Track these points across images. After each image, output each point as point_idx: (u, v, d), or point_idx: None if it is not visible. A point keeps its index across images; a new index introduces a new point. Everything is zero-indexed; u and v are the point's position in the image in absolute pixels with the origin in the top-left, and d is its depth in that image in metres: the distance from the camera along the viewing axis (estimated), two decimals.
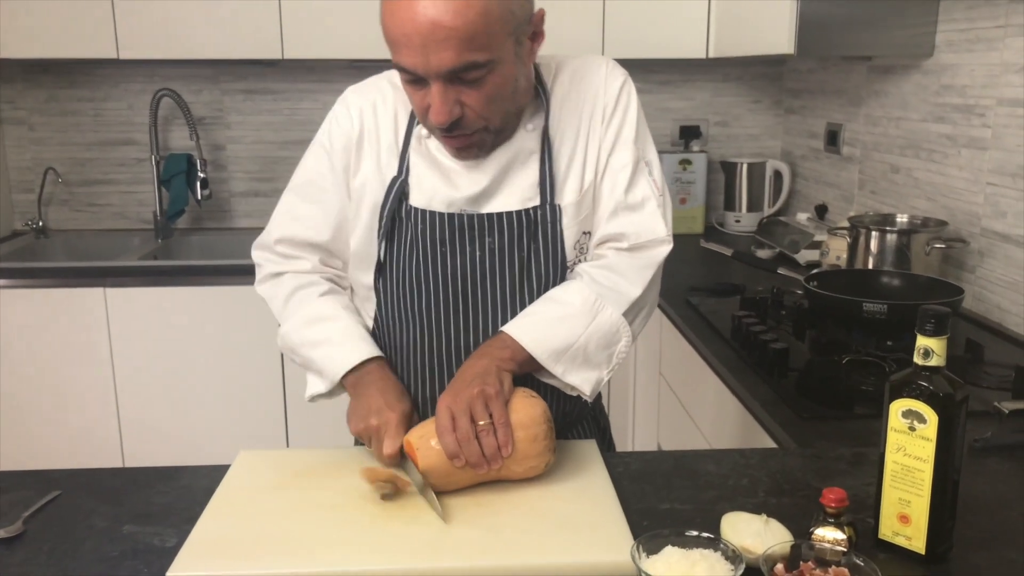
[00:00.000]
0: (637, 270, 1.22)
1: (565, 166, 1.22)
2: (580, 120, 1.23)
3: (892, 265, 1.97)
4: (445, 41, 1.03)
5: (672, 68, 3.17)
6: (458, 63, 1.04)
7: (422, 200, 1.21)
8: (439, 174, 1.21)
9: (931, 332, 0.91)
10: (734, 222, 3.09)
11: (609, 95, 1.23)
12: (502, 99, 1.12)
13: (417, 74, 1.07)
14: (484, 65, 1.06)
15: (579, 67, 1.26)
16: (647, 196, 1.24)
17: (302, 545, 0.96)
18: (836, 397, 1.46)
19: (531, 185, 1.21)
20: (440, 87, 1.07)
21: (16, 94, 3.09)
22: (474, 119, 1.11)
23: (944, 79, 2.10)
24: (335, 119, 1.26)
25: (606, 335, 1.18)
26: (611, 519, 1.01)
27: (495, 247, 1.20)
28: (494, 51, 1.06)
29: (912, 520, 0.94)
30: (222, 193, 3.19)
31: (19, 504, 1.08)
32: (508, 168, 1.21)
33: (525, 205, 1.20)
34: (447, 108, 1.08)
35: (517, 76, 1.13)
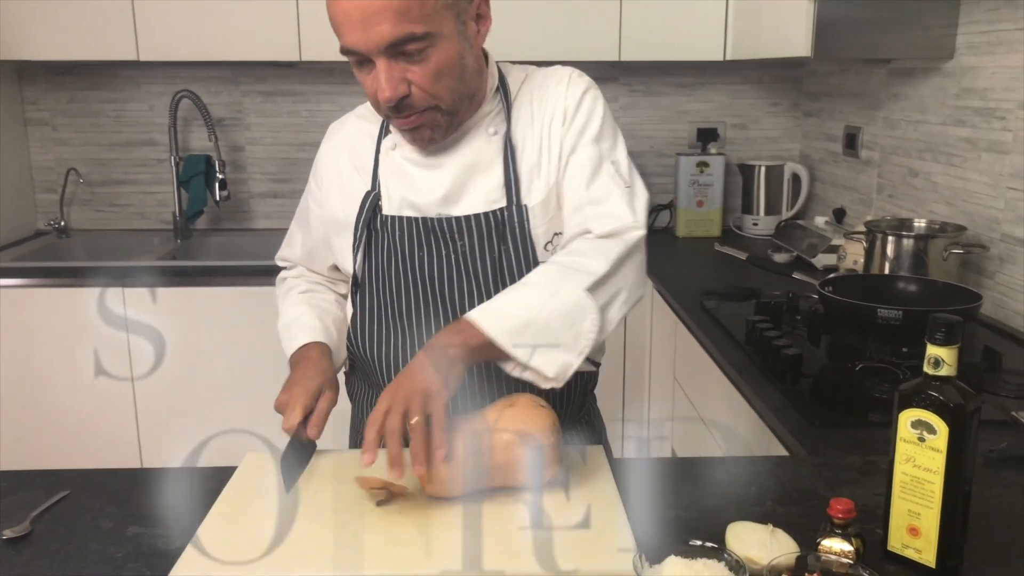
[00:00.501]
0: (602, 250, 1.17)
1: (529, 168, 1.24)
2: (543, 124, 1.25)
3: (909, 270, 1.94)
4: (381, 14, 1.06)
5: (689, 70, 3.15)
6: (396, 35, 1.08)
7: (392, 208, 1.26)
8: (405, 181, 1.26)
9: (941, 341, 0.89)
10: (752, 225, 3.07)
11: (571, 99, 1.25)
12: (448, 76, 1.14)
13: (360, 52, 1.10)
14: (423, 37, 1.09)
15: (545, 76, 1.29)
16: (610, 189, 1.22)
17: (304, 549, 0.96)
18: (848, 404, 1.44)
19: (496, 187, 1.23)
20: (384, 63, 1.10)
21: (39, 95, 3.13)
22: (421, 96, 1.14)
23: (964, 82, 2.07)
24: (319, 155, 1.38)
25: (569, 312, 1.12)
26: (615, 527, 1.00)
27: (466, 250, 1.23)
28: (432, 24, 1.09)
29: (922, 532, 0.92)
30: (241, 194, 3.21)
31: (27, 504, 1.09)
32: (470, 171, 1.24)
33: (491, 207, 1.23)
34: (392, 84, 1.11)
35: (463, 55, 1.15)
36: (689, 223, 3.07)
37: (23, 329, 2.62)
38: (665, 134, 3.22)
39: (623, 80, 3.16)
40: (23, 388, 2.66)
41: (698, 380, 2.06)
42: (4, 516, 1.06)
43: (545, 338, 1.11)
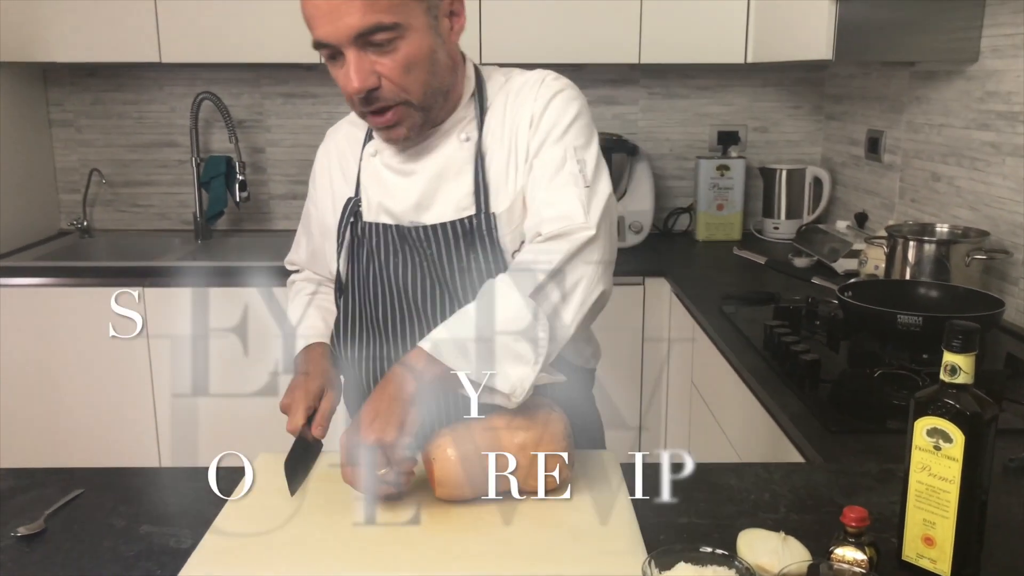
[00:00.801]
0: (548, 251, 1.13)
1: (499, 176, 1.23)
2: (513, 130, 1.23)
3: (931, 276, 1.92)
4: (350, 4, 1.07)
5: (710, 73, 3.13)
6: (364, 24, 1.08)
7: (371, 215, 1.27)
8: (381, 188, 1.27)
9: (958, 348, 0.88)
10: (772, 229, 3.05)
11: (539, 103, 1.22)
12: (419, 69, 1.14)
13: (330, 44, 1.11)
14: (392, 27, 1.09)
15: (523, 82, 1.26)
16: (567, 188, 1.18)
17: (312, 551, 0.96)
18: (866, 411, 1.42)
19: (465, 195, 1.23)
20: (354, 54, 1.10)
21: (64, 96, 3.16)
22: (391, 89, 1.13)
23: (989, 85, 2.05)
24: (316, 158, 1.40)
25: (515, 323, 1.07)
26: (625, 532, 1.00)
27: (435, 257, 1.23)
28: (401, 15, 1.10)
29: (937, 542, 0.91)
30: (261, 195, 3.23)
31: (42, 502, 1.10)
32: (441, 178, 1.23)
33: (460, 215, 1.22)
34: (361, 76, 1.11)
35: (434, 49, 1.15)
36: (709, 227, 3.05)
37: (45, 328, 2.65)
38: (685, 137, 3.20)
39: (643, 82, 3.15)
40: (44, 387, 2.69)
41: (715, 385, 2.05)
42: (19, 514, 1.07)
43: (495, 355, 1.06)
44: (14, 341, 2.65)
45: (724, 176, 3.03)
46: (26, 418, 2.71)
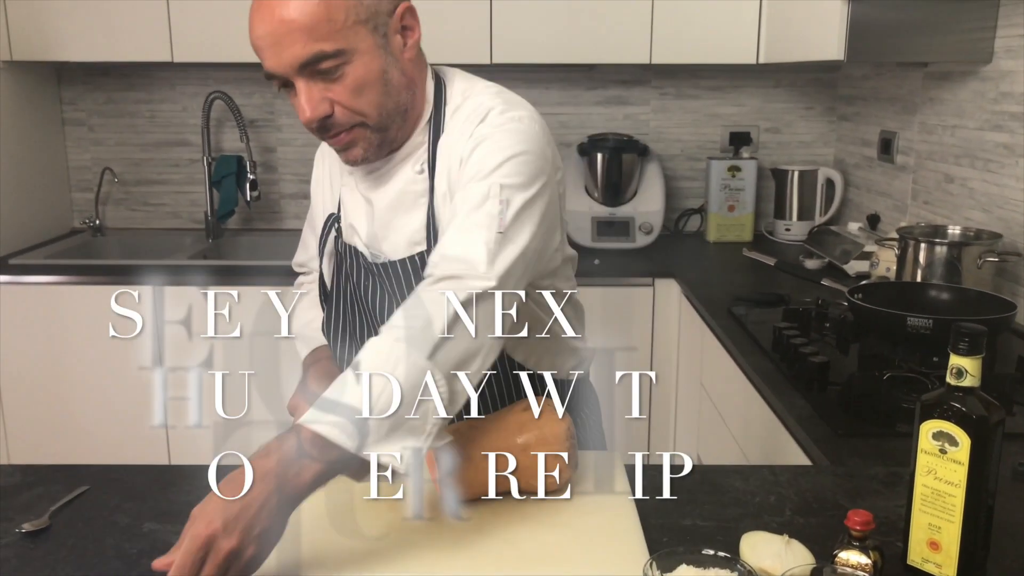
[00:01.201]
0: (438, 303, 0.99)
1: (445, 206, 1.16)
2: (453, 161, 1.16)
3: (942, 278, 1.90)
4: (291, 35, 1.05)
5: (722, 73, 3.12)
6: (306, 55, 1.06)
7: (346, 235, 1.29)
8: (354, 211, 1.27)
9: (965, 351, 0.87)
10: (784, 230, 3.03)
11: (473, 139, 1.13)
12: (371, 91, 1.11)
13: (278, 75, 1.09)
14: (335, 55, 1.07)
15: (472, 109, 1.17)
16: (476, 230, 1.05)
17: (315, 550, 0.96)
18: (875, 414, 1.41)
19: (418, 230, 1.19)
20: (303, 84, 1.09)
21: (77, 96, 3.18)
22: (344, 114, 1.11)
23: (1003, 86, 2.03)
24: (314, 165, 1.42)
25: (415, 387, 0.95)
26: (628, 534, 0.99)
27: (393, 290, 1.22)
28: (344, 40, 1.07)
29: (942, 547, 0.90)
30: (272, 195, 3.24)
31: (47, 498, 1.11)
32: (394, 211, 1.21)
33: (412, 251, 1.20)
34: (312, 105, 1.09)
35: (386, 69, 1.12)
36: (720, 228, 3.04)
37: (56, 326, 2.66)
38: (697, 138, 3.19)
39: (654, 83, 3.14)
40: (55, 384, 2.71)
41: (724, 387, 2.04)
42: (25, 510, 1.08)
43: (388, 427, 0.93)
44: (26, 338, 2.67)
45: (735, 177, 3.02)
46: (36, 415, 2.72)
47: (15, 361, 2.69)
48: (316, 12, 1.05)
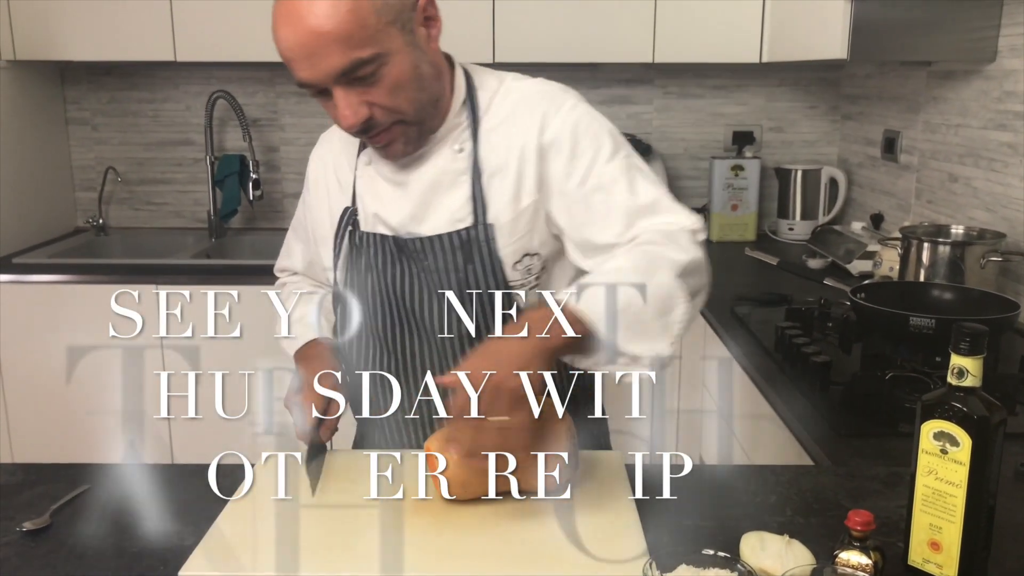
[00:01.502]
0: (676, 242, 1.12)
1: (499, 189, 1.20)
2: (512, 143, 1.20)
3: (945, 278, 1.90)
4: (326, 47, 1.04)
5: (725, 72, 3.11)
6: (344, 64, 1.05)
7: (368, 225, 1.26)
8: (377, 198, 1.25)
9: (966, 351, 0.87)
10: (787, 230, 3.02)
11: (559, 125, 1.18)
12: (407, 89, 1.12)
13: (314, 85, 1.09)
14: (372, 60, 1.07)
15: (518, 91, 1.23)
16: (655, 197, 1.18)
17: (316, 549, 0.96)
18: (876, 414, 1.41)
19: (461, 206, 1.20)
20: (341, 92, 1.08)
21: (81, 95, 3.19)
22: (383, 115, 1.12)
23: (1007, 85, 2.02)
24: (309, 163, 1.39)
25: (663, 300, 1.06)
26: (628, 534, 0.99)
27: (432, 268, 1.21)
28: (378, 44, 1.06)
29: (943, 547, 0.90)
30: (275, 194, 3.24)
31: (48, 497, 1.11)
32: (435, 189, 1.21)
33: (456, 226, 1.20)
34: (352, 111, 1.09)
35: (417, 64, 1.12)
36: (723, 227, 3.03)
37: (60, 325, 2.67)
38: (699, 137, 3.18)
39: (657, 82, 3.13)
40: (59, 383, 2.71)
41: (726, 386, 2.03)
42: (25, 508, 1.08)
43: (639, 325, 1.03)
44: (29, 337, 2.68)
45: (739, 176, 3.01)
46: (39, 414, 2.73)
47: (18, 360, 2.70)
48: (348, 20, 1.04)
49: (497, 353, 0.98)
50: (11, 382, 2.71)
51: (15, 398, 2.72)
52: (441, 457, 1.05)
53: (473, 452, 0.98)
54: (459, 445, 1.00)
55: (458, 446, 1.01)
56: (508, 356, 0.97)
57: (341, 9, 1.03)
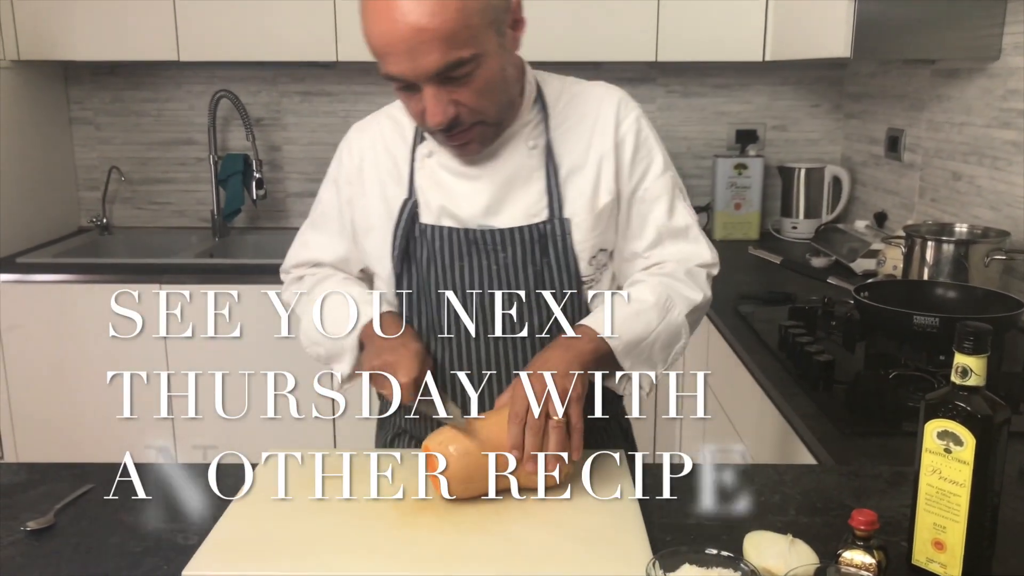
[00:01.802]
0: (695, 279, 1.25)
1: (573, 184, 1.22)
2: (590, 145, 1.23)
3: (949, 276, 1.89)
4: (428, 43, 1.03)
5: (728, 71, 3.11)
6: (444, 63, 1.05)
7: (431, 217, 1.24)
8: (443, 192, 1.23)
9: (970, 350, 0.87)
10: (791, 228, 3.02)
11: (627, 129, 1.24)
12: (494, 91, 1.12)
13: (407, 80, 1.08)
14: (470, 60, 1.06)
15: (588, 93, 1.27)
16: (688, 223, 1.27)
17: (317, 549, 0.96)
18: (880, 413, 1.41)
19: (536, 201, 1.21)
20: (432, 89, 1.08)
21: (84, 95, 3.19)
22: (469, 115, 1.12)
23: (1011, 83, 2.01)
24: (339, 156, 1.34)
25: (671, 335, 1.20)
26: (631, 533, 0.99)
27: (507, 261, 1.21)
28: (478, 45, 1.06)
29: (947, 547, 0.89)
30: (278, 193, 3.24)
31: (52, 496, 1.11)
32: (510, 184, 1.22)
33: (531, 220, 1.21)
34: (442, 109, 1.09)
35: (505, 66, 1.13)
36: (726, 226, 3.03)
37: (64, 324, 2.67)
38: (703, 135, 3.18)
39: (660, 81, 3.13)
40: (62, 382, 2.72)
41: (730, 385, 2.03)
42: (30, 508, 1.08)
43: (647, 355, 1.18)
44: (33, 337, 2.68)
45: (742, 175, 3.01)
46: (43, 413, 2.73)
47: (22, 359, 2.70)
48: (455, 19, 1.03)
49: (545, 362, 1.09)
50: (15, 381, 2.72)
51: (18, 397, 2.73)
52: (441, 456, 1.05)
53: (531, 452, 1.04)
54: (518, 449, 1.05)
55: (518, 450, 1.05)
56: (555, 364, 1.08)
57: (449, 8, 1.02)
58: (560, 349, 1.12)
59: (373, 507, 1.05)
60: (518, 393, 1.05)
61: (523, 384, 1.05)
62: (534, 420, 1.03)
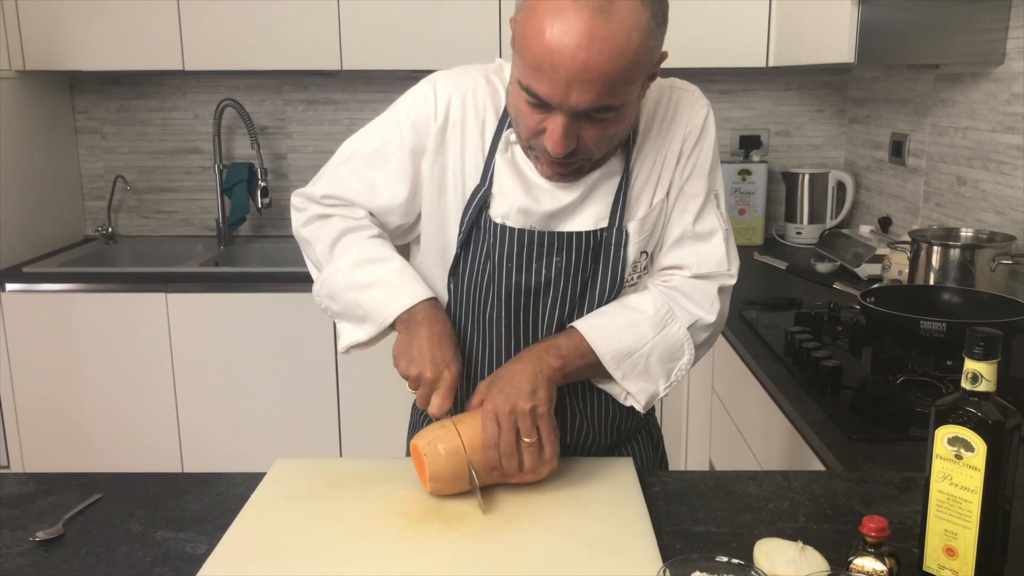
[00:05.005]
0: (703, 294, 1.22)
1: (639, 189, 1.20)
2: (660, 145, 1.21)
3: (955, 281, 1.89)
4: (591, 83, 1.00)
5: (732, 77, 3.11)
6: (595, 104, 1.02)
7: (501, 211, 1.17)
8: (522, 186, 1.17)
9: (980, 355, 0.86)
10: (795, 234, 3.02)
11: (692, 126, 1.21)
12: (616, 137, 1.12)
13: (549, 104, 1.04)
14: (615, 108, 1.04)
15: (669, 94, 1.23)
16: (715, 228, 1.24)
17: (327, 557, 0.96)
18: (888, 418, 1.40)
19: (606, 207, 1.19)
20: (566, 120, 1.04)
21: (90, 104, 3.20)
22: (585, 152, 1.10)
23: (1015, 87, 2.01)
24: (418, 99, 1.21)
25: (670, 348, 1.19)
26: (641, 541, 0.99)
27: (561, 266, 1.19)
28: (626, 96, 1.05)
29: (959, 553, 0.89)
30: (283, 201, 3.25)
31: (61, 506, 1.11)
32: (592, 190, 1.19)
33: (596, 226, 1.18)
34: (566, 141, 1.06)
35: (634, 117, 1.13)
36: None
37: (70, 333, 2.68)
38: None
39: None
40: (68, 391, 2.72)
41: (736, 392, 2.03)
42: (38, 518, 1.08)
43: (643, 367, 1.17)
44: (39, 346, 2.69)
45: (746, 181, 3.01)
46: (50, 423, 2.74)
47: (29, 368, 2.71)
48: (624, 70, 1.01)
49: (506, 380, 1.10)
50: (21, 390, 2.72)
51: (25, 407, 2.73)
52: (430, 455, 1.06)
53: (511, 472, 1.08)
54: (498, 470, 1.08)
55: (498, 471, 1.08)
56: (518, 382, 1.09)
57: (626, 57, 1.00)
58: (527, 363, 1.12)
59: (382, 514, 1.05)
60: (487, 418, 1.07)
61: (488, 411, 1.07)
62: (507, 444, 1.06)
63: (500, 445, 1.06)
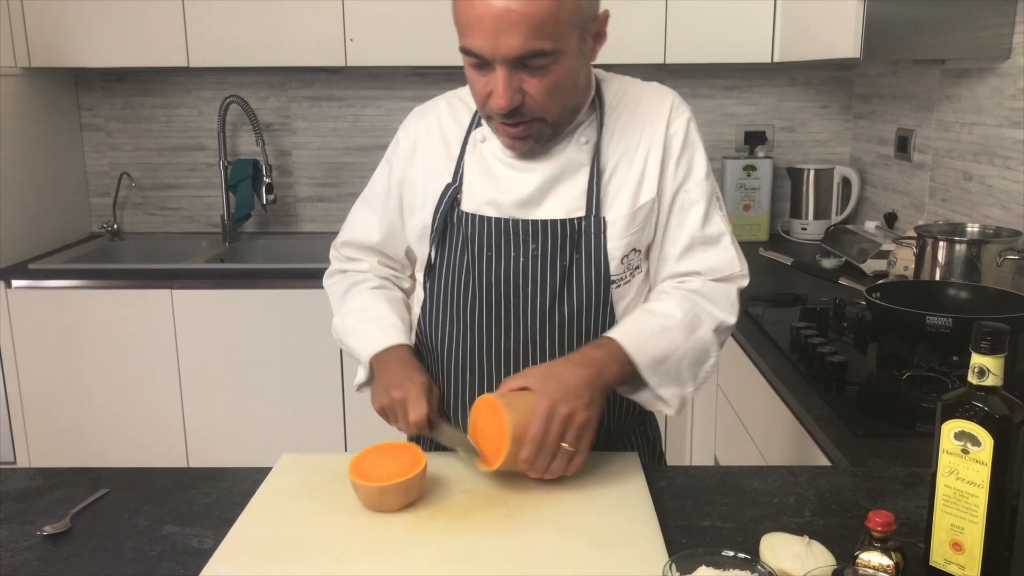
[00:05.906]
0: (724, 296, 1.25)
1: (616, 183, 1.22)
2: (638, 144, 1.24)
3: (961, 277, 1.89)
4: (515, 26, 1.05)
5: (736, 73, 3.11)
6: (525, 49, 1.07)
7: (472, 205, 1.24)
8: (490, 180, 1.24)
9: (987, 350, 0.86)
10: (800, 230, 3.01)
11: (676, 130, 1.24)
12: (562, 91, 1.14)
13: (483, 57, 1.09)
14: (550, 54, 1.08)
15: (644, 93, 1.28)
16: (722, 231, 1.26)
17: (333, 551, 0.97)
18: (894, 414, 1.40)
19: (577, 197, 1.22)
20: (505, 72, 1.09)
21: (95, 101, 3.21)
22: (533, 108, 1.13)
23: (1021, 82, 2.01)
24: (397, 139, 1.35)
25: (699, 352, 1.21)
26: (646, 536, 0.99)
27: (538, 254, 1.21)
28: (560, 41, 1.09)
29: (965, 548, 0.89)
30: (288, 198, 3.25)
31: (68, 501, 1.11)
32: (556, 177, 1.22)
33: (570, 215, 1.21)
34: (509, 94, 1.10)
35: (578, 72, 1.15)
36: (736, 227, 2.97)
37: (75, 329, 2.69)
38: (711, 137, 3.17)
39: (668, 83, 3.09)
40: (74, 387, 2.73)
41: (741, 387, 2.03)
42: (46, 513, 1.09)
43: (675, 372, 1.19)
44: (45, 342, 2.69)
45: (751, 176, 3.01)
46: (56, 418, 2.75)
47: (35, 364, 2.72)
48: (546, 10, 1.05)
49: (565, 382, 1.09)
50: (28, 386, 2.73)
51: (32, 402, 2.74)
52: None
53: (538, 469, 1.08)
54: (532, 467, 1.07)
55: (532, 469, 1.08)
56: (577, 388, 1.09)
57: None
58: (585, 368, 1.11)
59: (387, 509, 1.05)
60: (540, 415, 1.06)
61: (544, 408, 1.06)
62: (551, 445, 1.06)
63: (544, 443, 1.06)
